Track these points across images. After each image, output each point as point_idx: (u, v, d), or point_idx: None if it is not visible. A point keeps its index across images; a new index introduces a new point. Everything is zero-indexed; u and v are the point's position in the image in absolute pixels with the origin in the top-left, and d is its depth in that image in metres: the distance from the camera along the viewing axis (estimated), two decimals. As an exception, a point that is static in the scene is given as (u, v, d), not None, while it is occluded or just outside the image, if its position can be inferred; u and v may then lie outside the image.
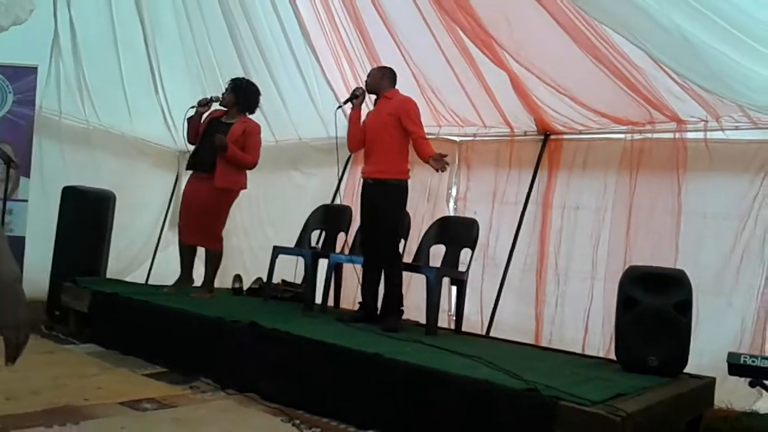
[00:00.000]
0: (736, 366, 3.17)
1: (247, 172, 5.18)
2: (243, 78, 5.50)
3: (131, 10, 6.43)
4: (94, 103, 6.79)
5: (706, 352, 3.99)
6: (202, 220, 5.10)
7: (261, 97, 5.38)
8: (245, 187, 5.22)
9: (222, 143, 4.91)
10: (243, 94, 5.22)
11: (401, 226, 4.80)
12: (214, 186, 4.98)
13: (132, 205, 6.57)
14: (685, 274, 3.76)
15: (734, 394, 3.94)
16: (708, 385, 3.73)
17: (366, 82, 4.75)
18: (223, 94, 5.26)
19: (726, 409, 3.99)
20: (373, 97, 4.75)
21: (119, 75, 6.82)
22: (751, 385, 3.10)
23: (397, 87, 4.72)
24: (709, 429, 3.72)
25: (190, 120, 5.24)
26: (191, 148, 5.43)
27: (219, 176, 4.98)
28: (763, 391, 2.98)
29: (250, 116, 5.29)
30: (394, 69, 4.80)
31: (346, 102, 4.81)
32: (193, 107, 5.25)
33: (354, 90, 4.80)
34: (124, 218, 6.11)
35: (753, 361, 3.10)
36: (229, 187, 5.07)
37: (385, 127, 4.50)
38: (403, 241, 5.00)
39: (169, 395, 3.61)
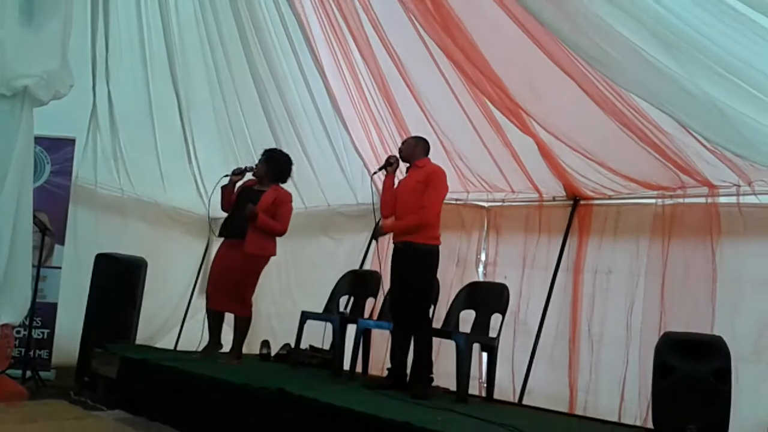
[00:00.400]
0: (782, 436, 3.04)
1: (277, 238, 5.24)
2: (276, 149, 5.63)
3: (167, 83, 6.68)
4: (129, 173, 7.00)
5: (747, 422, 3.84)
6: (231, 286, 5.14)
7: (293, 167, 5.48)
8: (275, 254, 5.27)
9: (252, 213, 5.00)
10: (275, 165, 5.34)
11: (432, 291, 4.76)
12: (245, 252, 5.03)
13: (162, 271, 6.64)
14: (722, 340, 3.68)
15: (779, 467, 3.76)
16: (752, 456, 3.58)
17: (400, 150, 4.83)
18: (256, 164, 5.38)
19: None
20: (406, 165, 4.81)
21: (154, 145, 7.03)
22: (798, 456, 2.97)
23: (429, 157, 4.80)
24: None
25: (224, 188, 5.35)
26: (223, 215, 5.51)
27: (249, 243, 5.04)
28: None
29: (283, 185, 5.39)
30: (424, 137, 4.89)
31: (380, 169, 4.88)
32: (227, 176, 5.37)
33: (388, 158, 4.89)
34: (155, 284, 6.17)
35: (799, 431, 2.97)
36: (258, 253, 5.12)
37: (415, 194, 4.53)
38: (432, 306, 4.95)
39: (196, 463, 3.56)
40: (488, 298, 5.00)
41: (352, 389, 4.39)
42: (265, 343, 6.06)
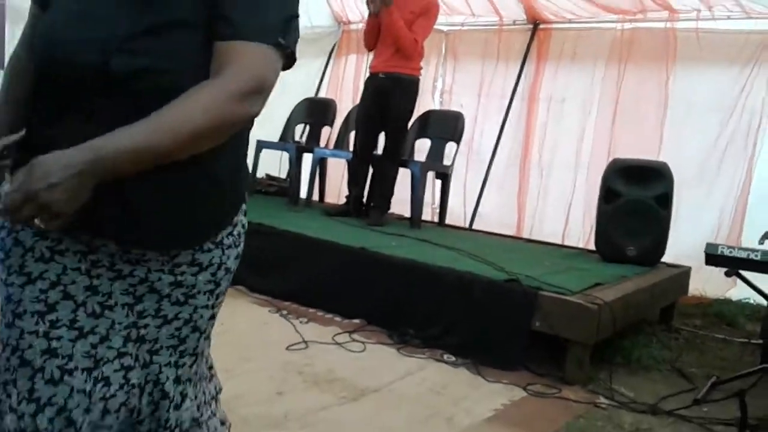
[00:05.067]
0: (714, 256, 3.23)
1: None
2: None
3: None
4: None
5: (685, 243, 4.07)
6: None
7: None
8: None
9: None
10: None
11: (408, 123, 4.63)
12: None
13: None
14: (667, 166, 3.79)
15: (709, 283, 4.05)
16: (683, 274, 3.85)
17: None
18: None
19: (699, 296, 4.13)
20: None
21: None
22: (727, 274, 3.18)
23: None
24: (682, 314, 3.87)
25: None
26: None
27: None
28: (738, 280, 3.06)
29: None
30: None
31: (386, 4, 4.23)
32: None
33: None
34: None
35: (730, 252, 3.16)
36: None
37: (409, 25, 4.27)
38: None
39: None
40: (443, 126, 4.98)
41: (309, 217, 4.47)
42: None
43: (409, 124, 4.63)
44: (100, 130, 0.97)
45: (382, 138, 4.55)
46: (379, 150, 4.59)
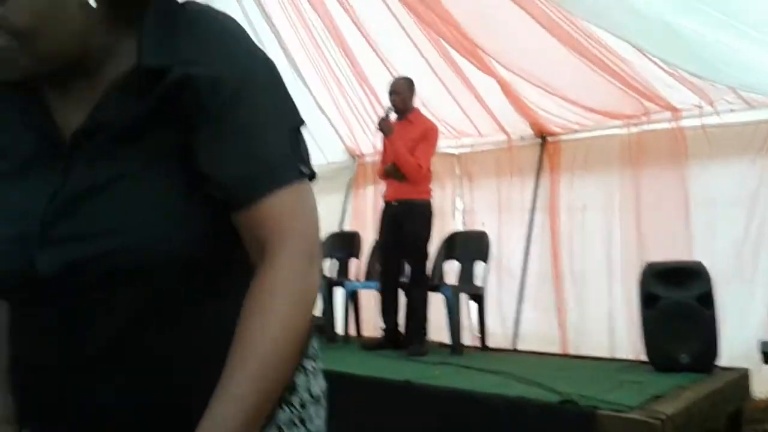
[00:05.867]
0: (771, 354, 3.14)
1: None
2: None
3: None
4: None
5: (735, 343, 3.94)
6: None
7: None
8: None
9: None
10: None
11: (428, 246, 4.67)
12: None
13: None
14: (702, 265, 3.74)
15: (771, 382, 3.89)
16: (743, 376, 3.71)
17: (393, 99, 4.61)
18: None
19: (765, 399, 3.96)
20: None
21: None
22: (788, 371, 3.08)
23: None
24: (751, 420, 3.69)
25: None
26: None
27: None
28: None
29: None
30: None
31: (386, 134, 4.52)
32: None
33: (380, 122, 4.55)
34: None
35: (786, 347, 3.07)
36: None
37: (411, 152, 4.46)
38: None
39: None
40: (469, 247, 5.02)
41: (348, 353, 4.43)
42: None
43: (430, 247, 4.66)
44: (70, 349, 0.79)
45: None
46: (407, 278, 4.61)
